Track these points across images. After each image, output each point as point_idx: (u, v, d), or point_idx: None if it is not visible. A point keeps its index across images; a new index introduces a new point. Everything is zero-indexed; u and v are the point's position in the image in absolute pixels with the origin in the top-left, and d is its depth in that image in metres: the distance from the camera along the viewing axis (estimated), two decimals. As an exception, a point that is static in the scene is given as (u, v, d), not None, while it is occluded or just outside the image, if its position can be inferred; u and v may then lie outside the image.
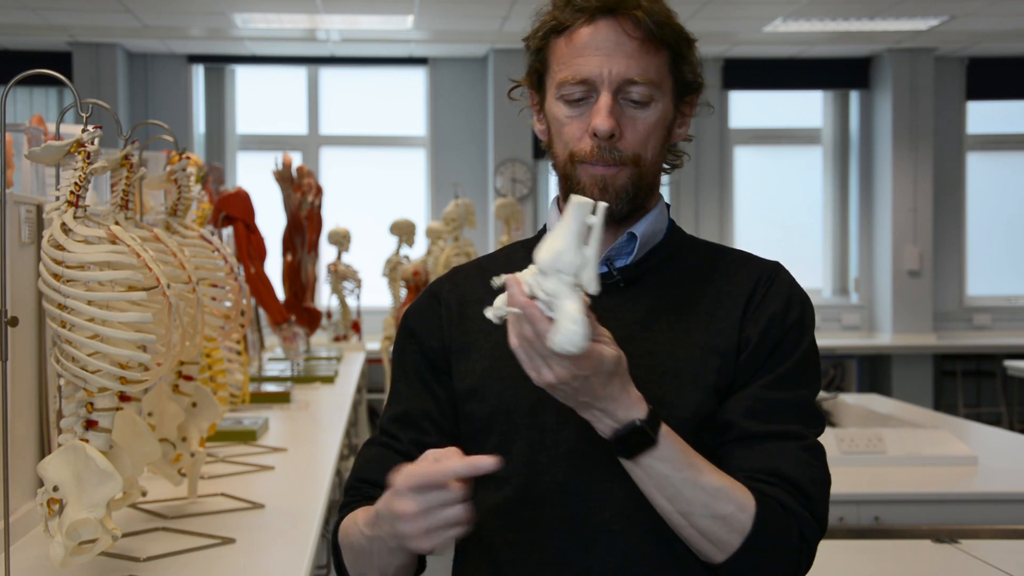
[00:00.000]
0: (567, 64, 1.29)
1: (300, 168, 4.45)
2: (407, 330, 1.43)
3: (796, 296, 1.33)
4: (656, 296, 1.33)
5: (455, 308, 1.39)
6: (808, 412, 1.29)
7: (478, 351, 1.35)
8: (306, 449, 2.84)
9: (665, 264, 1.36)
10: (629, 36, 1.27)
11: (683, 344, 1.29)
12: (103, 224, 1.48)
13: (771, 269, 1.35)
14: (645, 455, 1.16)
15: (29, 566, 1.68)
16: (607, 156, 1.27)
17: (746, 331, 1.29)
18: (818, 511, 1.25)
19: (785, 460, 1.24)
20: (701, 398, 1.27)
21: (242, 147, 8.00)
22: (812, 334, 1.33)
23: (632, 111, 1.28)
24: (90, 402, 1.47)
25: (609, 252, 1.34)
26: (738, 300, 1.32)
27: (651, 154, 1.31)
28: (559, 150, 1.33)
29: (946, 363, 7.87)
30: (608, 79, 1.26)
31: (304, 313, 4.32)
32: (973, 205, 8.21)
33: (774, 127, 8.28)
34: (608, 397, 1.13)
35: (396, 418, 1.39)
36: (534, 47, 1.35)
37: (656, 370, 1.27)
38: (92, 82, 7.32)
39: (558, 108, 1.31)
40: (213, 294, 2.05)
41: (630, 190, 1.30)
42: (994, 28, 7.20)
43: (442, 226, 5.08)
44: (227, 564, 1.75)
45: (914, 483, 2.82)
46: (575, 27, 1.29)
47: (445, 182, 7.74)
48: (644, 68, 1.27)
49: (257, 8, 6.59)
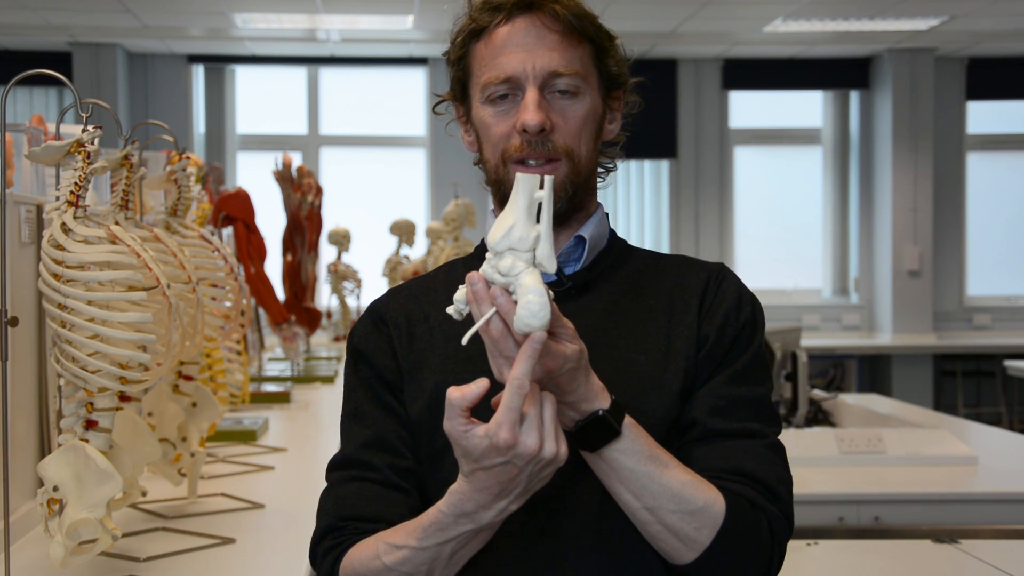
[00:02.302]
0: (489, 65, 1.25)
1: (300, 168, 4.45)
2: (358, 354, 1.34)
3: (746, 294, 1.32)
4: (611, 301, 1.30)
5: (403, 328, 1.33)
6: (767, 410, 1.27)
7: (428, 368, 1.29)
8: (306, 449, 2.84)
9: (613, 269, 1.33)
10: (549, 29, 1.24)
11: (643, 348, 1.26)
12: (103, 224, 1.48)
13: (718, 269, 1.33)
14: (609, 447, 1.12)
15: (29, 566, 1.68)
16: (539, 150, 1.23)
17: (703, 329, 1.27)
18: (786, 510, 1.22)
19: (750, 459, 1.21)
20: (668, 402, 1.24)
21: (242, 147, 8.00)
22: (763, 333, 1.32)
23: (561, 103, 1.24)
24: (90, 402, 1.47)
25: (557, 258, 1.28)
26: (691, 301, 1.29)
27: (585, 148, 1.27)
28: (489, 154, 1.29)
29: (946, 363, 7.87)
30: (533, 74, 1.23)
31: (304, 313, 4.32)
32: (973, 205, 8.20)
33: (774, 127, 8.28)
34: (572, 391, 1.09)
35: (367, 443, 1.28)
36: (455, 57, 1.31)
37: (619, 375, 1.22)
38: (92, 82, 7.32)
39: (484, 111, 1.28)
40: (213, 294, 2.05)
41: (568, 187, 1.26)
42: (994, 28, 7.20)
43: (442, 226, 5.08)
44: (227, 564, 1.75)
45: (914, 483, 2.82)
46: (493, 28, 1.26)
47: (445, 182, 7.74)
48: (568, 60, 1.24)
49: (257, 8, 6.59)
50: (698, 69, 8.02)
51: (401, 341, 1.32)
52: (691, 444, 1.24)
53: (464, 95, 1.33)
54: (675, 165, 8.09)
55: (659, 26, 7.04)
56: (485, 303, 1.03)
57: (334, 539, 1.24)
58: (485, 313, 1.03)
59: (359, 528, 1.23)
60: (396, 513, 1.23)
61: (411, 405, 1.29)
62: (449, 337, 1.29)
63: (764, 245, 8.21)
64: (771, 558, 1.19)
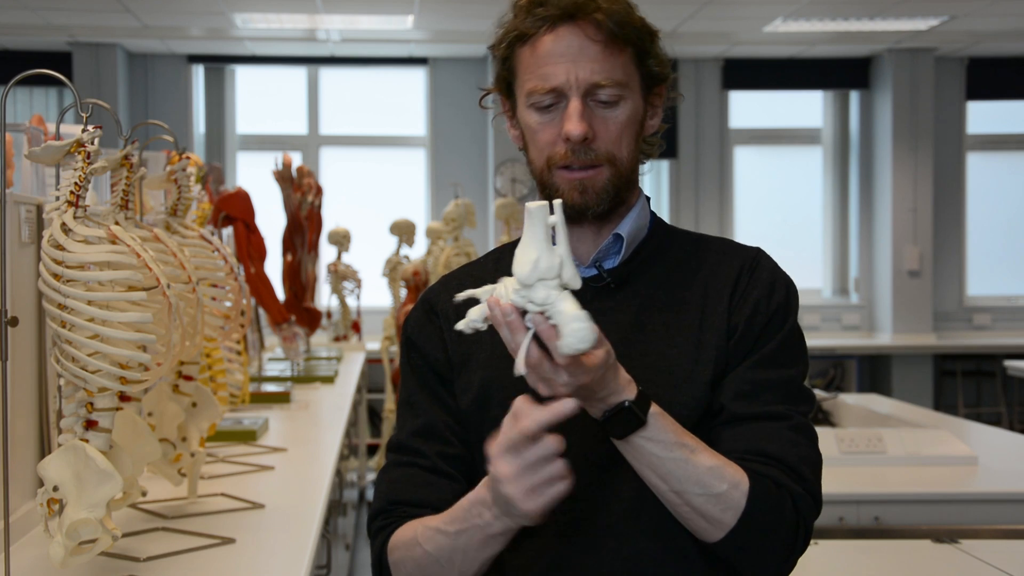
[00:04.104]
0: (534, 73, 1.31)
1: (300, 168, 4.45)
2: (410, 343, 1.44)
3: (780, 280, 1.37)
4: (647, 295, 1.36)
5: (452, 319, 1.37)
6: (795, 391, 1.32)
7: (476, 361, 1.37)
8: (306, 449, 2.84)
9: (652, 260, 1.39)
10: (592, 40, 1.29)
11: (676, 342, 1.32)
12: (103, 224, 1.48)
13: (753, 256, 1.39)
14: (636, 435, 1.19)
15: (29, 566, 1.68)
16: (583, 158, 1.30)
17: (732, 319, 1.33)
18: (812, 489, 1.28)
19: (773, 441, 1.27)
20: (699, 394, 1.30)
21: (242, 147, 8.00)
22: (796, 315, 1.37)
23: (602, 112, 1.31)
24: (90, 402, 1.47)
25: (597, 255, 1.36)
26: (723, 291, 1.35)
27: (626, 152, 1.33)
28: (535, 156, 1.35)
29: (946, 363, 7.87)
30: (576, 85, 1.29)
31: (304, 313, 4.32)
32: (973, 205, 8.20)
33: (774, 127, 8.28)
34: (603, 388, 1.17)
35: (418, 432, 1.38)
36: (500, 56, 1.37)
37: (652, 369, 1.30)
38: (92, 82, 7.32)
39: (530, 116, 1.33)
40: (213, 294, 2.05)
41: (610, 190, 1.32)
42: (994, 28, 7.20)
43: (442, 226, 5.08)
44: (227, 564, 1.75)
45: (914, 483, 2.82)
46: (538, 36, 1.31)
47: (445, 182, 7.74)
48: (610, 70, 1.30)
49: (257, 8, 6.59)
50: (698, 69, 8.02)
51: (451, 333, 1.38)
52: (718, 428, 1.30)
53: (509, 92, 1.38)
54: (675, 165, 8.09)
55: (659, 26, 6.93)
56: (520, 332, 1.11)
57: (384, 520, 1.35)
58: (519, 340, 1.11)
59: (406, 512, 1.34)
60: (442, 499, 1.32)
61: (461, 397, 1.37)
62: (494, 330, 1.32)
63: (764, 245, 8.05)
64: (795, 537, 1.26)
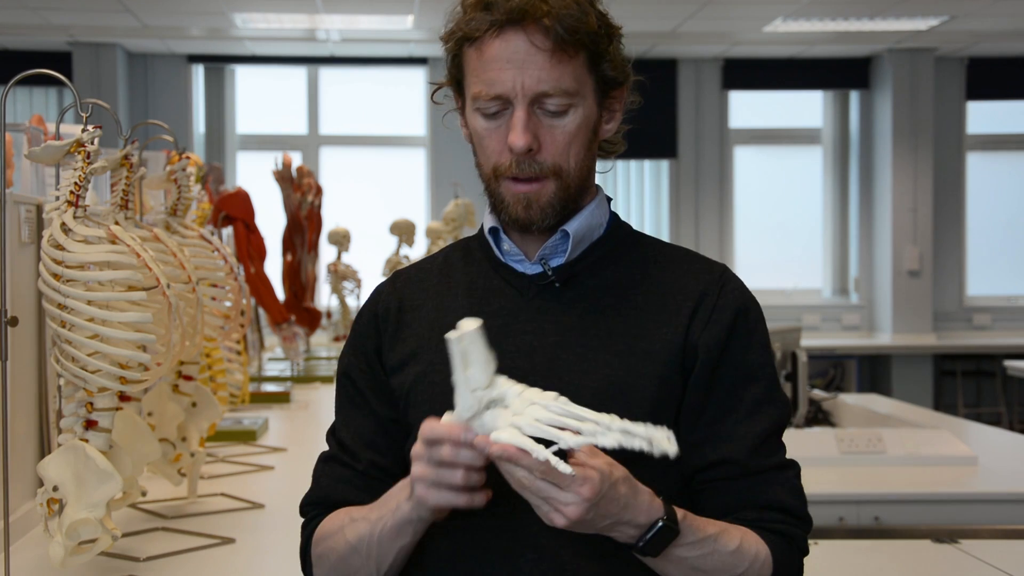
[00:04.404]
0: (479, 78, 1.25)
1: (300, 168, 4.45)
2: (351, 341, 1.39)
3: (751, 305, 1.31)
4: (594, 298, 1.29)
5: (393, 314, 1.35)
6: (784, 426, 1.32)
7: (412, 357, 1.31)
8: (306, 449, 2.84)
9: (604, 262, 1.32)
10: (538, 48, 1.22)
11: (619, 350, 1.25)
12: (103, 224, 1.48)
13: (719, 274, 1.32)
14: (671, 548, 1.16)
15: (29, 566, 1.68)
16: (527, 170, 1.24)
17: (693, 338, 1.26)
18: (809, 526, 1.31)
19: (787, 493, 1.28)
20: (636, 409, 1.20)
21: (242, 147, 8.00)
22: (767, 337, 1.33)
23: (549, 121, 1.25)
24: (90, 402, 1.47)
25: (543, 251, 1.30)
26: (683, 305, 1.28)
27: (574, 162, 1.27)
28: (483, 161, 1.30)
29: (946, 363, 7.87)
30: (521, 93, 1.22)
31: (304, 313, 4.32)
32: (973, 205, 8.20)
33: (774, 127, 8.27)
34: (625, 508, 1.12)
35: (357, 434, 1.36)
36: (449, 51, 1.31)
37: (589, 375, 1.23)
38: (92, 82, 7.32)
39: (476, 120, 1.29)
40: (213, 294, 2.05)
41: (555, 204, 1.26)
42: (994, 28, 7.20)
43: (442, 226, 5.08)
44: (227, 564, 1.75)
45: (914, 483, 2.82)
46: (484, 39, 1.24)
47: (445, 182, 7.74)
48: (557, 78, 1.22)
49: (257, 8, 6.58)
50: (698, 69, 8.02)
51: (388, 329, 1.35)
52: (731, 480, 1.27)
53: (460, 90, 1.33)
54: (675, 165, 8.09)
55: (659, 26, 7.04)
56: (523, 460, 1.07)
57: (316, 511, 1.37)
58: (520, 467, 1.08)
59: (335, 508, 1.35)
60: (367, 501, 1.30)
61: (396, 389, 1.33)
62: (434, 327, 1.30)
63: (764, 245, 8.21)
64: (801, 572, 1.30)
